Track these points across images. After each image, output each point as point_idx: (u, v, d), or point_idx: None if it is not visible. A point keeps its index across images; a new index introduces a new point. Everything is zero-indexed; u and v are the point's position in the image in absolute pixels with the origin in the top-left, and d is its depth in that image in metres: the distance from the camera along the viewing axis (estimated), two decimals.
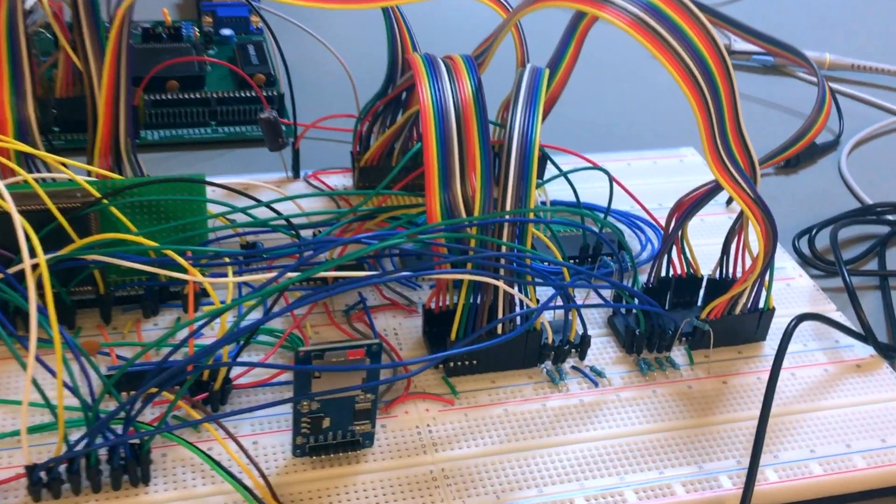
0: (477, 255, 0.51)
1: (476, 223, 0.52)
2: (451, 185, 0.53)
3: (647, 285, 0.60)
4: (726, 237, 0.60)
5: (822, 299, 0.66)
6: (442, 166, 0.53)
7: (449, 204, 0.53)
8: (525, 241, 0.53)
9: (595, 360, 0.58)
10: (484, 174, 0.53)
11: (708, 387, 0.57)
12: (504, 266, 0.52)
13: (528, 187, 0.53)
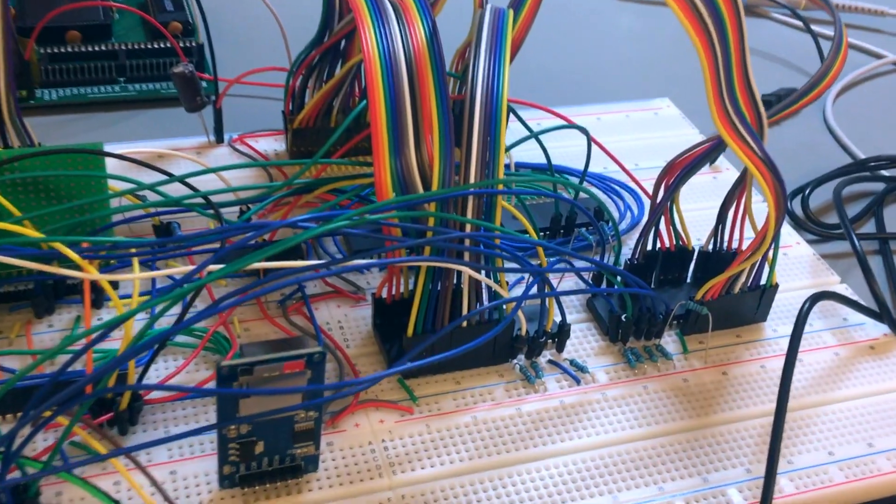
0: (438, 238, 0.42)
1: (435, 198, 0.43)
2: (403, 152, 0.44)
3: (632, 261, 0.52)
4: (723, 203, 0.51)
5: (823, 270, 0.58)
6: (392, 129, 0.43)
7: (402, 174, 0.44)
8: (493, 218, 0.45)
9: (575, 351, 0.50)
10: (443, 137, 0.44)
11: (706, 379, 0.49)
12: (469, 249, 0.44)
13: (497, 151, 0.44)
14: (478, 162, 0.44)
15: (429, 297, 0.45)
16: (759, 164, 0.45)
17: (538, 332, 0.48)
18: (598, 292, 0.50)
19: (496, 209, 0.45)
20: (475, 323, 0.46)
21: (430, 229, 0.43)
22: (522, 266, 0.44)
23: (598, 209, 0.57)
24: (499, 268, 0.44)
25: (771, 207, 0.45)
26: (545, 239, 0.57)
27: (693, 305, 0.50)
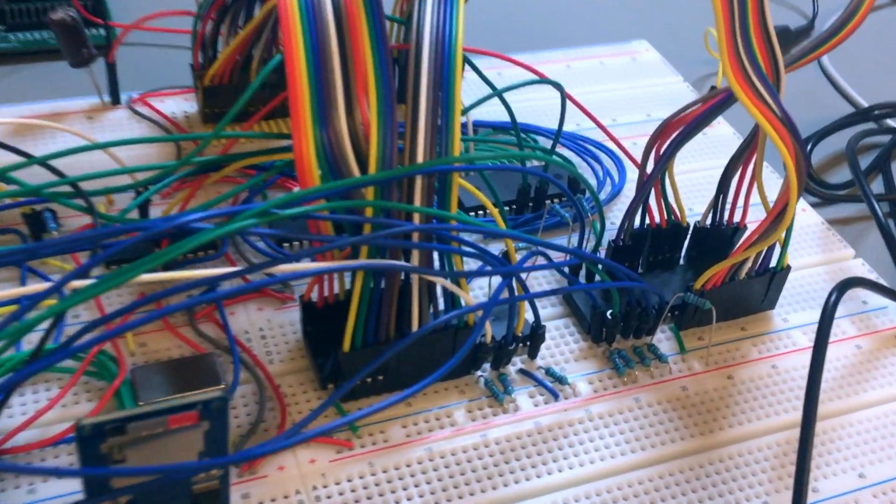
0: (377, 235, 0.32)
1: (373, 181, 0.33)
2: (331, 119, 0.34)
3: (617, 243, 0.43)
4: (725, 171, 0.42)
5: (835, 242, 0.50)
6: (315, 89, 0.34)
7: (329, 148, 0.34)
8: (448, 201, 0.35)
9: (551, 357, 0.41)
10: (381, 97, 0.34)
11: (708, 385, 0.41)
12: (419, 246, 0.34)
13: (451, 113, 0.35)
14: (427, 127, 0.34)
15: (369, 301, 0.36)
16: (777, 125, 0.36)
17: (506, 337, 0.39)
18: (583, 289, 0.41)
19: (451, 189, 0.35)
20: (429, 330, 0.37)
21: (367, 221, 0.34)
22: (486, 261, 0.35)
23: (573, 178, 0.48)
24: (458, 273, 0.35)
25: (792, 177, 0.36)
26: (511, 214, 0.48)
27: (693, 299, 0.41)
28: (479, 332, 0.35)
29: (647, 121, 0.56)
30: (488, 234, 0.36)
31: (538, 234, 0.46)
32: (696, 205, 0.51)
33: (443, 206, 0.35)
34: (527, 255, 0.36)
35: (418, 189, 0.35)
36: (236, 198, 0.45)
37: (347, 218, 0.34)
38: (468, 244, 0.35)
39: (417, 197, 0.35)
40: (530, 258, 0.39)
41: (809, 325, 0.44)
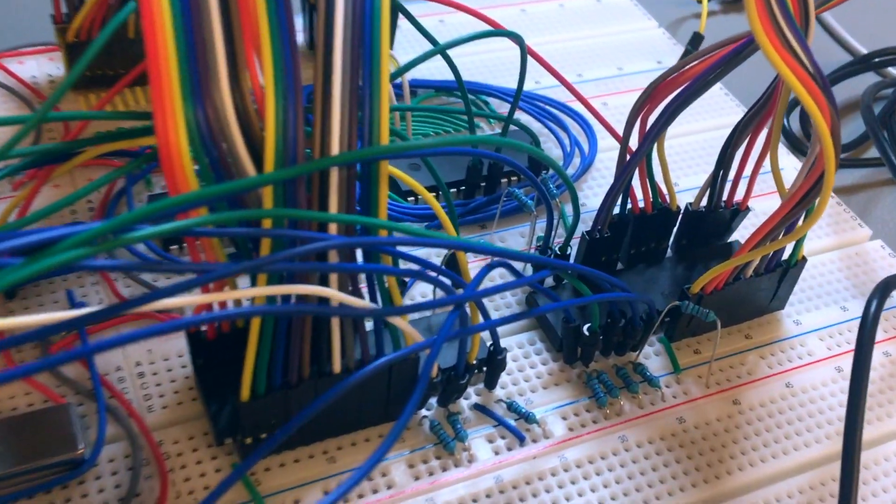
0: (276, 258, 0.23)
1: (271, 179, 0.24)
2: (208, 90, 0.24)
3: (593, 235, 0.34)
4: (728, 142, 0.34)
5: (847, 220, 0.42)
6: (185, 47, 0.24)
7: (207, 133, 0.24)
8: (376, 201, 0.26)
9: (513, 384, 0.33)
10: (279, 57, 0.25)
11: (711, 415, 0.33)
12: (337, 269, 0.25)
13: (376, 75, 0.25)
14: (345, 99, 0.25)
15: (273, 334, 0.27)
16: (808, 82, 0.27)
17: (457, 367, 0.30)
18: (552, 309, 0.32)
19: (379, 186, 0.26)
20: (351, 366, 0.28)
21: (265, 235, 0.24)
22: (445, 297, 0.26)
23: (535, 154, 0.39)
24: (391, 310, 0.26)
25: (828, 151, 0.27)
26: (460, 198, 0.39)
27: (692, 308, 0.33)
28: (425, 378, 0.26)
29: (619, 75, 0.47)
30: (430, 244, 0.26)
31: (494, 222, 0.37)
32: (680, 178, 0.42)
33: (369, 208, 0.26)
34: (482, 272, 0.27)
35: (334, 187, 0.25)
36: (110, 188, 0.36)
37: (237, 233, 0.24)
38: (407, 258, 0.26)
39: (333, 199, 0.25)
40: (490, 271, 0.30)
41: (826, 329, 0.36)
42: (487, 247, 0.26)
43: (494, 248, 0.26)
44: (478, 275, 0.26)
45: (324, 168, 0.24)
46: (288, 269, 0.24)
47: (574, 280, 0.30)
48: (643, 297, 0.32)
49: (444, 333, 0.25)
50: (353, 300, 0.26)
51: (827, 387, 0.34)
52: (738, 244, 0.38)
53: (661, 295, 0.35)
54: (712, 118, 0.46)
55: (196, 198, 0.23)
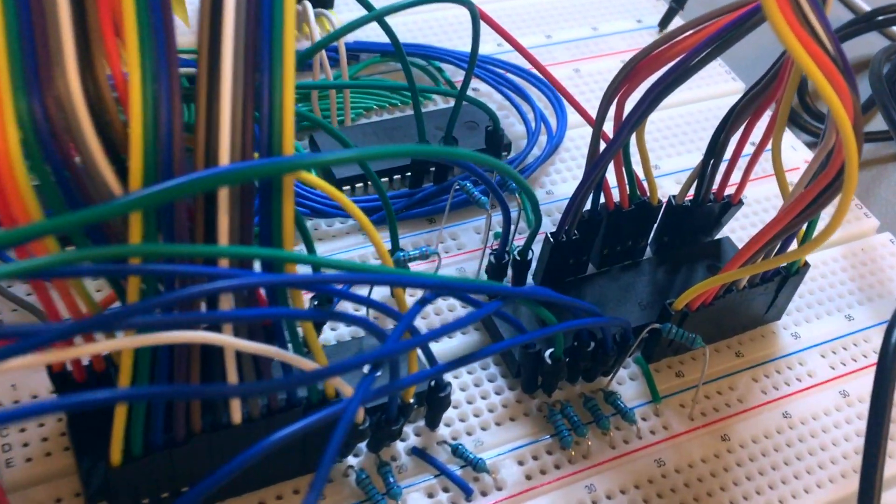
0: (134, 310, 0.17)
1: (139, 202, 0.18)
2: (49, 78, 0.18)
3: (559, 237, 0.29)
4: (721, 127, 0.28)
5: (851, 209, 0.36)
6: (17, 25, 0.18)
7: (48, 133, 0.19)
8: (279, 230, 0.20)
9: (461, 420, 0.27)
10: (146, 28, 0.19)
11: (695, 455, 0.28)
12: (222, 318, 0.19)
13: (278, 58, 0.20)
14: (237, 89, 0.19)
15: (152, 376, 0.21)
16: (830, 69, 0.21)
17: (388, 410, 0.24)
18: (506, 347, 0.26)
19: (283, 206, 0.20)
20: (255, 413, 0.23)
21: (130, 272, 0.19)
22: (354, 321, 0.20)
23: (492, 130, 0.33)
24: (301, 377, 0.20)
25: (850, 154, 0.22)
26: (405, 187, 0.33)
27: (676, 333, 0.27)
28: (343, 428, 0.21)
29: (594, 37, 0.41)
30: (343, 280, 0.20)
31: (444, 217, 0.32)
32: (662, 160, 0.37)
33: (270, 234, 0.20)
34: (413, 310, 0.21)
35: (224, 210, 0.20)
36: None
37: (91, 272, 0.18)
38: (329, 292, 0.20)
39: (223, 222, 0.20)
40: (424, 307, 0.24)
41: (829, 344, 0.31)
42: (419, 279, 0.20)
43: (430, 281, 0.21)
44: (408, 314, 0.21)
45: (207, 187, 0.19)
46: (152, 323, 0.18)
47: (534, 306, 0.24)
48: (617, 321, 0.27)
49: (359, 395, 0.19)
50: (253, 347, 0.20)
51: (831, 416, 0.29)
52: (728, 241, 0.32)
53: (639, 307, 0.30)
54: (701, 88, 0.40)
55: (25, 234, 0.17)
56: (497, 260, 0.29)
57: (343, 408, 0.18)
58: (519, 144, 0.35)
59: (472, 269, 0.31)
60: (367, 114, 0.35)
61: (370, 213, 0.31)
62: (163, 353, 0.21)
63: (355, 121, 0.35)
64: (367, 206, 0.32)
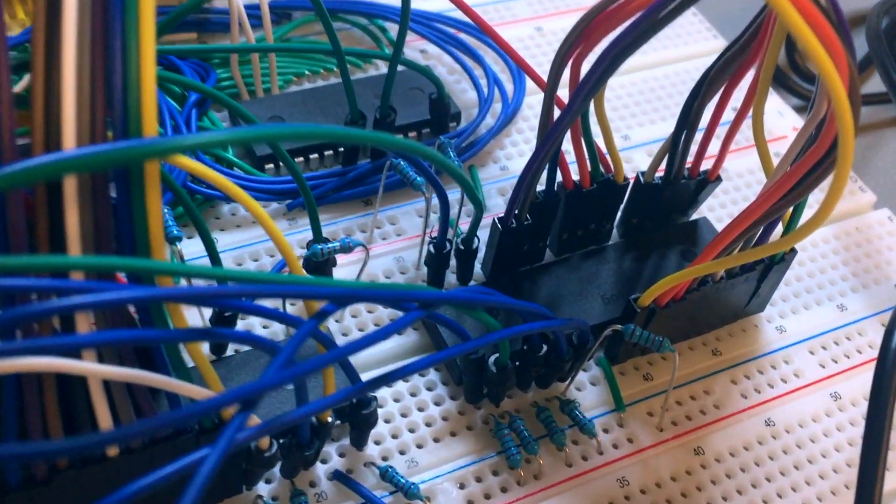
0: None
1: None
2: None
3: (509, 222, 0.25)
4: (693, 96, 0.24)
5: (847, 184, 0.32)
6: None
7: None
8: (144, 229, 0.16)
9: (393, 437, 0.24)
10: None
11: (664, 472, 0.24)
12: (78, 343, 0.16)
13: (133, 17, 0.16)
14: (83, 46, 0.16)
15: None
16: (820, 22, 0.17)
17: (299, 433, 0.21)
18: (441, 360, 0.22)
19: (146, 195, 0.16)
20: (142, 444, 0.19)
21: None
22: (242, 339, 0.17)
23: (436, 98, 0.29)
24: (168, 417, 0.17)
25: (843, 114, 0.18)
26: (336, 165, 0.29)
27: (640, 336, 0.24)
28: (195, 493, 0.17)
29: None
30: (236, 294, 0.16)
31: (377, 199, 0.28)
32: (633, 129, 0.33)
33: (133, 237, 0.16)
34: (305, 328, 0.17)
35: (72, 208, 0.16)
36: None
37: None
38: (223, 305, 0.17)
39: (72, 228, 0.16)
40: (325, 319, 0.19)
41: (818, 338, 0.28)
42: (313, 289, 0.16)
43: (326, 290, 0.17)
44: (295, 336, 0.17)
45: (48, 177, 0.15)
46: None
47: (468, 311, 0.20)
48: (572, 323, 0.23)
49: (220, 446, 0.15)
50: (120, 374, 0.16)
51: (821, 423, 0.26)
52: (705, 223, 0.29)
53: (602, 300, 0.26)
54: (679, 47, 0.36)
55: None
56: (437, 249, 0.25)
57: (201, 458, 0.14)
58: (471, 113, 0.31)
59: (413, 258, 0.27)
60: (298, 80, 0.31)
61: (297, 195, 0.28)
62: (8, 383, 0.17)
63: (284, 88, 0.31)
64: (293, 187, 0.28)
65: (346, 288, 0.17)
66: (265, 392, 0.15)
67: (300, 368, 0.15)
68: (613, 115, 0.33)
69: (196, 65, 0.30)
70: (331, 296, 0.17)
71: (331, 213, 0.28)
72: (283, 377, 0.15)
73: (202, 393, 0.17)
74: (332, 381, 0.20)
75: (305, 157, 0.28)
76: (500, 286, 0.26)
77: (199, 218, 0.21)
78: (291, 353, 0.16)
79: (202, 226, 0.22)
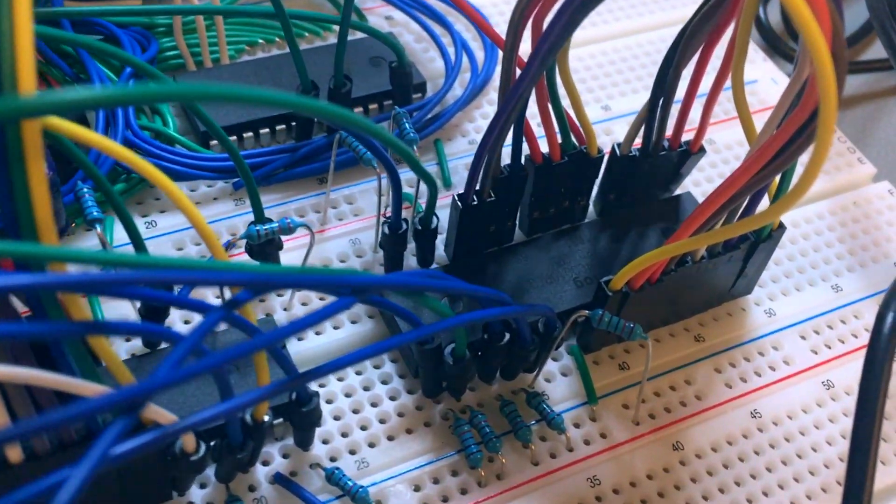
0: None
1: None
2: None
3: (468, 199, 0.23)
4: (667, 59, 0.22)
5: (843, 152, 0.30)
6: None
7: None
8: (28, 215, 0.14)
9: (342, 434, 0.22)
10: None
11: (639, 469, 0.22)
12: None
13: None
14: None
15: None
16: None
17: (229, 434, 0.19)
18: (389, 347, 0.20)
19: (28, 170, 0.14)
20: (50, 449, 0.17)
21: None
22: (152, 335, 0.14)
23: (396, 66, 0.27)
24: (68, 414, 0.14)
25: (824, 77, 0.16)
26: (286, 141, 0.27)
27: (608, 322, 0.21)
28: (85, 470, 0.15)
29: None
30: (141, 281, 0.14)
31: (329, 178, 0.25)
32: (613, 99, 0.31)
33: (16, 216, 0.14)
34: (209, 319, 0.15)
35: None
36: None
37: None
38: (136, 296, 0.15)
39: None
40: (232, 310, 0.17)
41: (810, 322, 0.26)
42: (229, 274, 0.14)
43: (244, 276, 0.15)
44: (195, 332, 0.15)
45: None
46: None
47: (413, 297, 0.18)
48: (535, 309, 0.21)
49: (86, 465, 0.13)
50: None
51: (811, 413, 0.24)
52: (689, 198, 0.27)
53: (575, 283, 0.24)
54: (665, 11, 0.34)
55: None
56: (392, 230, 0.23)
57: (59, 481, 0.12)
58: (439, 84, 0.29)
59: (371, 240, 0.25)
60: (251, 50, 0.29)
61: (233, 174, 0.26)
62: None
63: (235, 59, 0.29)
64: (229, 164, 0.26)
65: (261, 274, 0.15)
66: (149, 395, 0.13)
67: (200, 365, 0.13)
68: (594, 83, 0.31)
69: (138, 34, 0.27)
70: (243, 282, 0.15)
71: (282, 193, 0.26)
72: (178, 376, 0.13)
73: (98, 391, 0.15)
74: (266, 375, 0.18)
75: (255, 131, 0.26)
76: (463, 269, 0.24)
77: (113, 193, 0.19)
78: (190, 348, 0.14)
79: (120, 207, 0.20)
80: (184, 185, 0.26)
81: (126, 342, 0.22)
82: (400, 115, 0.24)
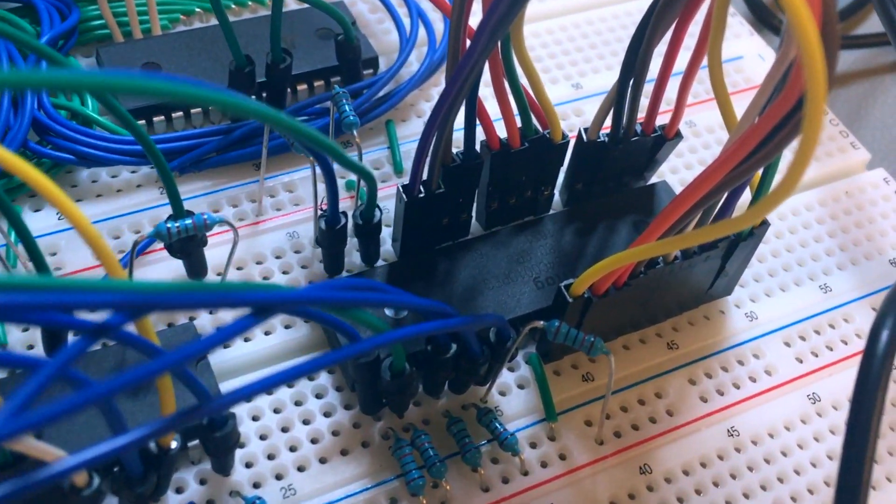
0: None
1: None
2: None
3: (415, 190, 0.20)
4: (637, 36, 0.20)
5: (835, 136, 0.28)
6: None
7: None
8: None
9: (267, 457, 0.19)
10: None
11: (601, 495, 0.20)
12: None
13: None
14: None
15: None
16: None
17: (126, 465, 0.16)
18: (315, 368, 0.17)
19: None
20: None
21: None
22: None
23: (342, 40, 0.24)
24: None
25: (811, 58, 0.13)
26: (219, 123, 0.24)
27: (565, 335, 0.19)
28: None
29: None
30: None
31: (262, 166, 0.23)
32: (585, 76, 0.28)
33: None
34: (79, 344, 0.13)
35: None
36: None
37: None
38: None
39: None
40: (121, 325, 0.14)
41: (796, 326, 0.23)
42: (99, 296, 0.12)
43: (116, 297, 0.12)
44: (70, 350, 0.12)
45: None
46: None
47: (338, 312, 0.16)
48: (481, 320, 0.19)
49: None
50: None
51: (794, 431, 0.21)
52: (664, 187, 0.24)
53: (534, 284, 0.22)
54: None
55: None
56: (330, 226, 0.21)
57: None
58: (394, 58, 0.26)
59: (310, 233, 0.23)
60: (187, 19, 0.27)
61: (172, 158, 0.23)
62: None
63: (169, 29, 0.26)
64: (168, 147, 0.23)
65: (131, 294, 0.12)
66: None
67: (40, 415, 0.11)
68: (564, 59, 0.28)
69: (59, 0, 0.25)
70: (110, 305, 0.12)
71: (214, 180, 0.23)
72: (16, 427, 0.11)
73: None
74: (171, 399, 0.16)
75: (186, 111, 0.24)
76: (411, 267, 0.22)
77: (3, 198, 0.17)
78: (30, 398, 0.11)
79: (8, 207, 0.17)
80: (104, 170, 0.23)
81: None
82: (340, 95, 0.21)
